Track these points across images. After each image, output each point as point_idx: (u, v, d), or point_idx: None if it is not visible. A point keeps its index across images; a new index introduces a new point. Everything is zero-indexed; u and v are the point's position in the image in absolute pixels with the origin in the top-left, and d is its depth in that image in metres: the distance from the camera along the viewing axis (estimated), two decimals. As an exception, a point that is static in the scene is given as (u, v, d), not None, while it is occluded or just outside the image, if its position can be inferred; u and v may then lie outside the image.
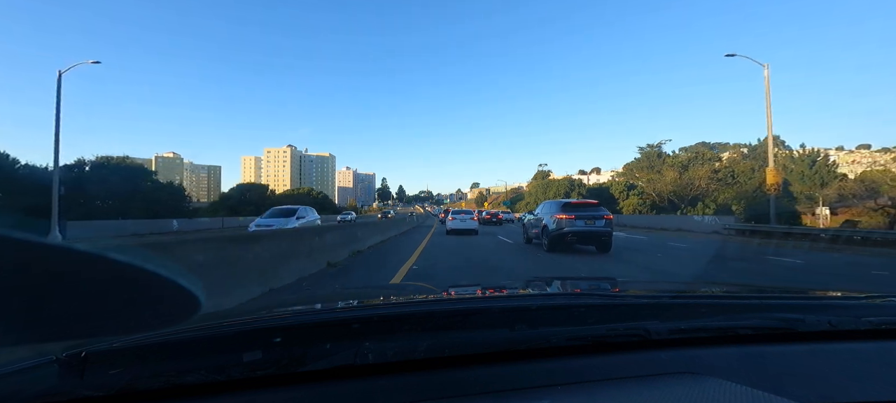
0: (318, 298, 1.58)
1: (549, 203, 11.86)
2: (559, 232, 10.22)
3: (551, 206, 11.28)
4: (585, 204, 10.98)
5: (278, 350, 0.73)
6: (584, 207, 10.73)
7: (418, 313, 0.93)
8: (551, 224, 10.45)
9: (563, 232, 10.17)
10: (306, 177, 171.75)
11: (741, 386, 0.67)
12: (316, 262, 7.11)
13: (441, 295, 1.34)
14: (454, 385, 0.71)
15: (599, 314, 0.94)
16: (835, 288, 1.48)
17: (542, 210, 11.87)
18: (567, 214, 10.28)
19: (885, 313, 1.00)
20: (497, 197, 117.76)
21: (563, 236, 10.21)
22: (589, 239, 10.52)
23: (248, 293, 4.55)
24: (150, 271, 0.42)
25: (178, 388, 0.67)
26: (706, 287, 1.66)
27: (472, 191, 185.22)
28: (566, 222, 10.16)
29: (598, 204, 11.14)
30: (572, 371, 0.77)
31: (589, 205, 10.91)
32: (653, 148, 62.74)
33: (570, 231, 10.15)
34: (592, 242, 10.65)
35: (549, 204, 11.81)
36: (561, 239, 10.26)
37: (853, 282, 6.92)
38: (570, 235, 10.21)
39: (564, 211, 10.43)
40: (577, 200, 11.45)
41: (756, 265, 8.99)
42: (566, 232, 10.15)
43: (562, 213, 10.35)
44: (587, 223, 10.23)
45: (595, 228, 10.27)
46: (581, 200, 11.58)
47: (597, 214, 10.45)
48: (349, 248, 9.56)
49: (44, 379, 0.65)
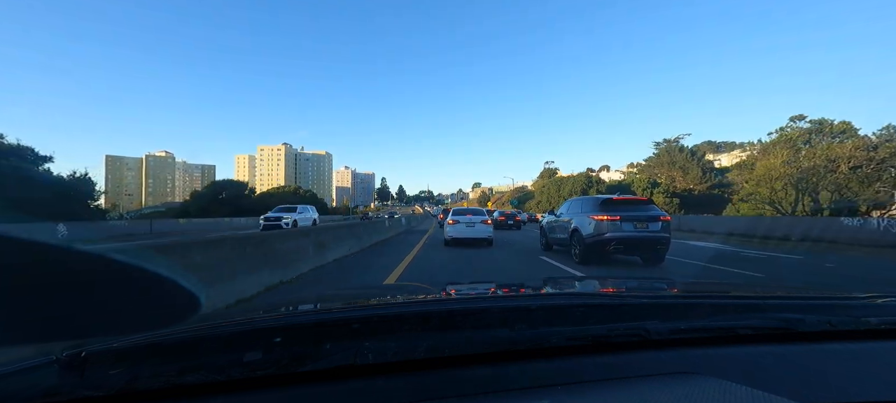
0: (318, 298, 1.55)
1: (581, 200, 9.36)
2: (599, 238, 7.83)
3: (584, 204, 8.85)
4: (633, 202, 8.43)
5: (278, 350, 0.73)
6: (632, 205, 8.22)
7: (418, 313, 0.93)
8: (587, 227, 8.08)
9: (605, 238, 7.78)
10: (302, 176, 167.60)
11: (741, 386, 0.67)
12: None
13: (441, 295, 1.33)
14: (454, 385, 0.71)
15: (599, 314, 0.93)
16: (838, 289, 1.39)
17: (570, 210, 9.49)
18: (609, 215, 7.86)
19: (885, 313, 1.00)
20: (501, 196, 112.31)
21: (605, 243, 7.80)
22: (640, 247, 8.06)
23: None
24: (150, 271, 0.42)
25: (178, 388, 0.67)
26: (706, 287, 1.65)
27: (473, 190, 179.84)
28: (608, 225, 7.81)
29: (649, 201, 8.65)
30: (572, 371, 0.76)
31: (637, 203, 8.39)
32: (670, 143, 56.64)
33: (613, 237, 7.74)
34: (643, 251, 8.21)
35: (579, 201, 9.34)
36: (601, 247, 7.86)
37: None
38: (613, 242, 7.77)
39: (605, 210, 8.00)
40: (620, 197, 8.87)
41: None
42: (608, 238, 7.76)
43: (601, 214, 7.94)
44: (637, 226, 7.78)
45: (648, 234, 7.81)
46: (626, 197, 8.98)
47: (650, 215, 7.94)
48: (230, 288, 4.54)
49: (44, 379, 0.65)
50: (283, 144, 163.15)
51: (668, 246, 8.02)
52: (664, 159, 53.57)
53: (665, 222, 7.91)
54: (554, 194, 60.42)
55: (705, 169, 51.53)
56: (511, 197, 67.99)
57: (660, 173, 53.42)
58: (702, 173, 50.94)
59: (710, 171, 51.26)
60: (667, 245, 7.96)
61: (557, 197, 58.85)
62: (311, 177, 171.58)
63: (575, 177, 62.20)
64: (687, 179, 51.41)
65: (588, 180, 59.35)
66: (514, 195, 69.81)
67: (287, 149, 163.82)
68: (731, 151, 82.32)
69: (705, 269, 7.94)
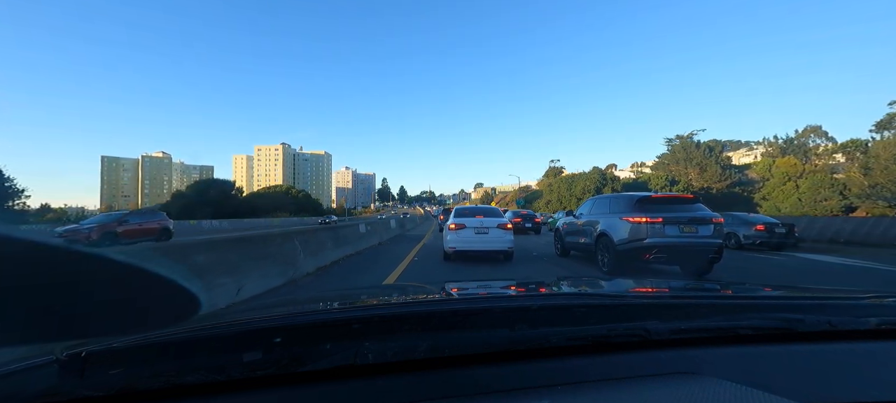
0: (318, 298, 1.50)
1: (609, 198, 7.74)
2: (635, 244, 6.25)
3: (613, 204, 7.29)
4: (676, 200, 6.75)
5: (278, 350, 0.73)
6: (675, 204, 6.56)
7: (418, 313, 0.92)
8: (619, 231, 6.54)
9: (644, 244, 6.17)
10: (300, 176, 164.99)
11: (741, 386, 0.67)
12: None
13: (441, 295, 1.32)
14: (454, 385, 0.71)
15: (599, 314, 0.93)
16: (836, 288, 1.37)
17: (595, 209, 7.91)
18: (648, 216, 6.24)
19: (885, 313, 0.99)
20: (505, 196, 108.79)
21: (643, 251, 6.19)
22: (687, 255, 6.30)
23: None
24: (150, 271, 0.43)
25: (178, 388, 0.67)
26: (706, 287, 1.63)
27: (476, 190, 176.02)
28: (648, 229, 6.18)
29: (695, 200, 6.84)
30: (572, 371, 0.76)
31: (682, 202, 6.70)
32: (684, 139, 52.99)
33: (655, 243, 6.10)
34: (691, 262, 6.44)
35: (607, 199, 7.79)
36: (637, 254, 6.27)
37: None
38: (654, 250, 6.12)
39: (643, 210, 6.38)
40: (660, 194, 7.09)
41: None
42: (648, 244, 6.14)
43: (638, 215, 6.34)
44: (684, 230, 6.18)
45: (698, 239, 6.18)
46: (667, 194, 7.28)
47: (699, 216, 6.31)
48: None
49: (44, 379, 0.65)
50: (281, 144, 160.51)
51: (721, 255, 6.50)
52: (679, 156, 50.06)
53: (718, 224, 6.39)
54: (564, 193, 56.79)
55: (724, 166, 47.85)
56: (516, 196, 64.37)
57: (675, 171, 49.84)
58: (721, 170, 47.18)
59: (729, 169, 47.63)
60: (720, 253, 6.44)
61: (568, 195, 55.26)
62: (310, 178, 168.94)
63: (588, 175, 57.05)
64: (704, 177, 47.72)
65: (602, 177, 54.66)
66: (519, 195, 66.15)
67: (285, 149, 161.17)
68: (736, 150, 78.53)
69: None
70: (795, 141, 48.66)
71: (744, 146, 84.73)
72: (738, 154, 73.04)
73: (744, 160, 66.90)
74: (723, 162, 49.63)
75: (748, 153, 74.52)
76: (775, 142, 54.12)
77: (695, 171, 48.66)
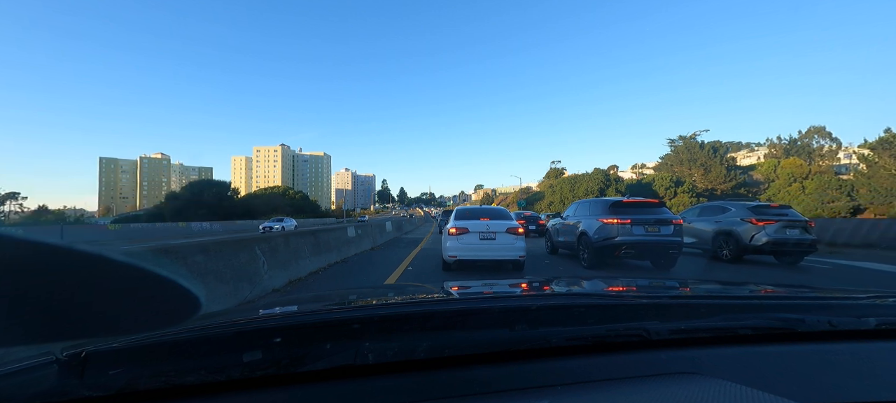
0: (318, 298, 1.50)
1: (589, 202, 8.80)
2: (607, 242, 7.32)
3: (592, 207, 8.38)
4: (643, 205, 7.86)
5: (278, 350, 0.73)
6: (642, 208, 7.68)
7: (418, 313, 0.92)
8: (595, 231, 7.59)
9: (614, 242, 7.23)
10: (300, 177, 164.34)
11: (741, 386, 0.67)
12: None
13: (441, 295, 1.31)
14: (454, 386, 0.71)
15: (599, 314, 0.93)
16: (836, 288, 1.35)
17: (578, 212, 8.89)
18: (619, 218, 7.28)
19: (885, 313, 0.99)
20: (505, 197, 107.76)
21: (614, 248, 7.25)
22: (651, 252, 7.39)
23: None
24: (150, 271, 0.43)
25: (178, 388, 0.67)
26: (706, 287, 1.61)
27: (476, 192, 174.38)
28: (618, 229, 7.23)
29: (659, 204, 8.10)
30: (572, 371, 0.76)
31: (648, 206, 7.84)
32: (687, 139, 52.08)
33: (623, 241, 7.16)
34: (654, 257, 7.54)
35: (588, 203, 8.80)
36: (609, 251, 7.35)
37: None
38: (623, 247, 7.19)
39: (614, 213, 7.45)
40: (630, 199, 8.06)
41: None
42: (618, 242, 7.20)
43: (610, 217, 7.39)
44: (648, 230, 7.22)
45: (660, 238, 7.23)
46: (635, 199, 8.15)
47: (661, 217, 7.36)
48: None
49: (44, 379, 0.65)
50: (280, 145, 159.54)
51: (679, 251, 7.50)
52: (683, 157, 49.15)
53: (677, 226, 7.42)
54: (567, 194, 55.44)
55: (729, 167, 46.92)
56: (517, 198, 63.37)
57: (679, 171, 48.94)
58: (726, 171, 46.26)
59: (733, 169, 46.72)
60: (679, 250, 7.44)
61: (571, 197, 54.37)
62: (309, 179, 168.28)
63: (591, 175, 56.03)
64: (708, 178, 46.80)
65: (606, 178, 53.51)
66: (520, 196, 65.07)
67: (284, 150, 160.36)
68: (737, 151, 77.59)
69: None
70: (799, 142, 47.80)
71: (745, 147, 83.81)
72: (740, 155, 72.17)
73: (745, 161, 65.94)
74: (727, 162, 48.75)
75: (750, 154, 73.63)
76: (778, 143, 53.26)
77: (699, 172, 47.86)
